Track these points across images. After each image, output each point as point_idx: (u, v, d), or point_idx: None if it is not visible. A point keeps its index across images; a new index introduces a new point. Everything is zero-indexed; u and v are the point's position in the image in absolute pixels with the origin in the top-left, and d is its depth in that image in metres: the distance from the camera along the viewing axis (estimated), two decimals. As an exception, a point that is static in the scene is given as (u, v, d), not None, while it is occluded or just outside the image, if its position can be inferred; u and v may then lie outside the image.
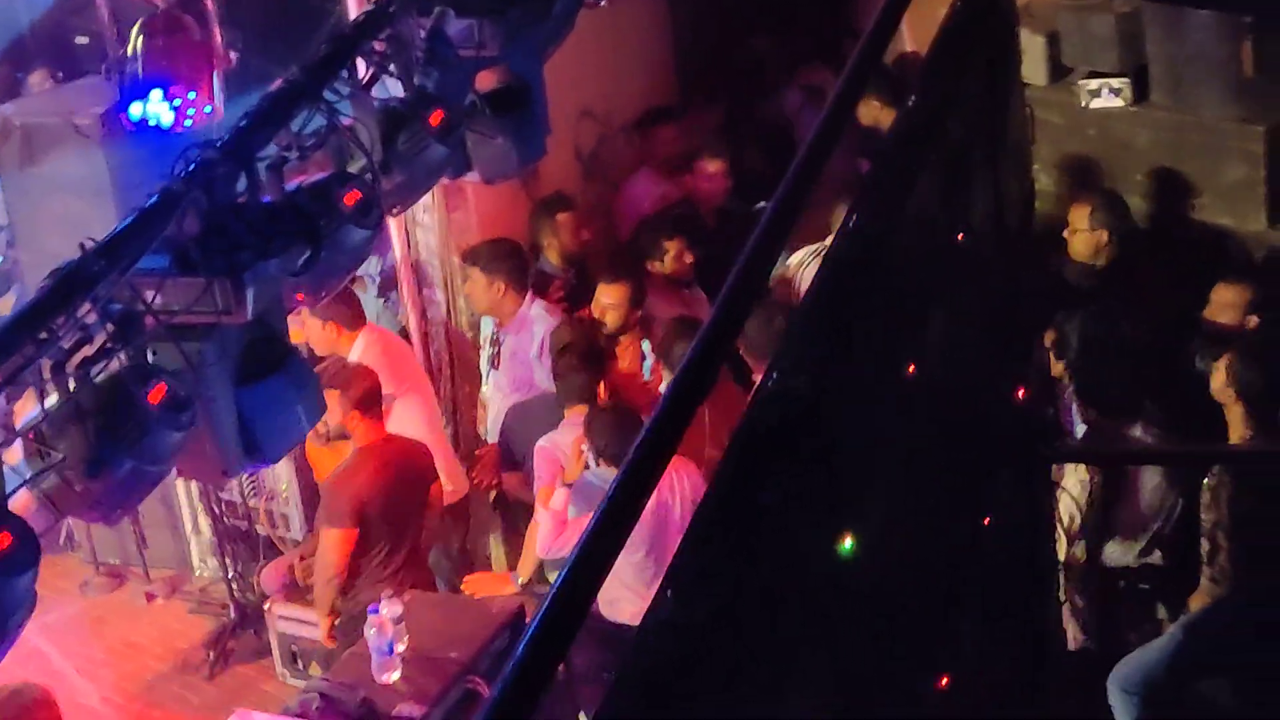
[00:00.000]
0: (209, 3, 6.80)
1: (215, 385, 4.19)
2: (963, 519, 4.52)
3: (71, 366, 3.80)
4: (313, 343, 7.82)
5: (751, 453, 3.03)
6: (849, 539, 3.33)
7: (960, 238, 4.54)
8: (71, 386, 3.81)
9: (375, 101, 4.92)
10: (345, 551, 7.22)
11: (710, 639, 2.74)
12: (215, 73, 6.48)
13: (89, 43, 9.39)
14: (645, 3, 9.47)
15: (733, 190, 9.03)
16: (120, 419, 3.82)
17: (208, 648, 8.36)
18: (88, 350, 3.86)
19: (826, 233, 7.35)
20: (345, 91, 4.76)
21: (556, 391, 7.41)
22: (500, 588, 7.50)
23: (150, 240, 3.96)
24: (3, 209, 8.09)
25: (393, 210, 5.14)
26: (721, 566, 2.84)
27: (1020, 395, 5.16)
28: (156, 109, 6.33)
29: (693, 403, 2.86)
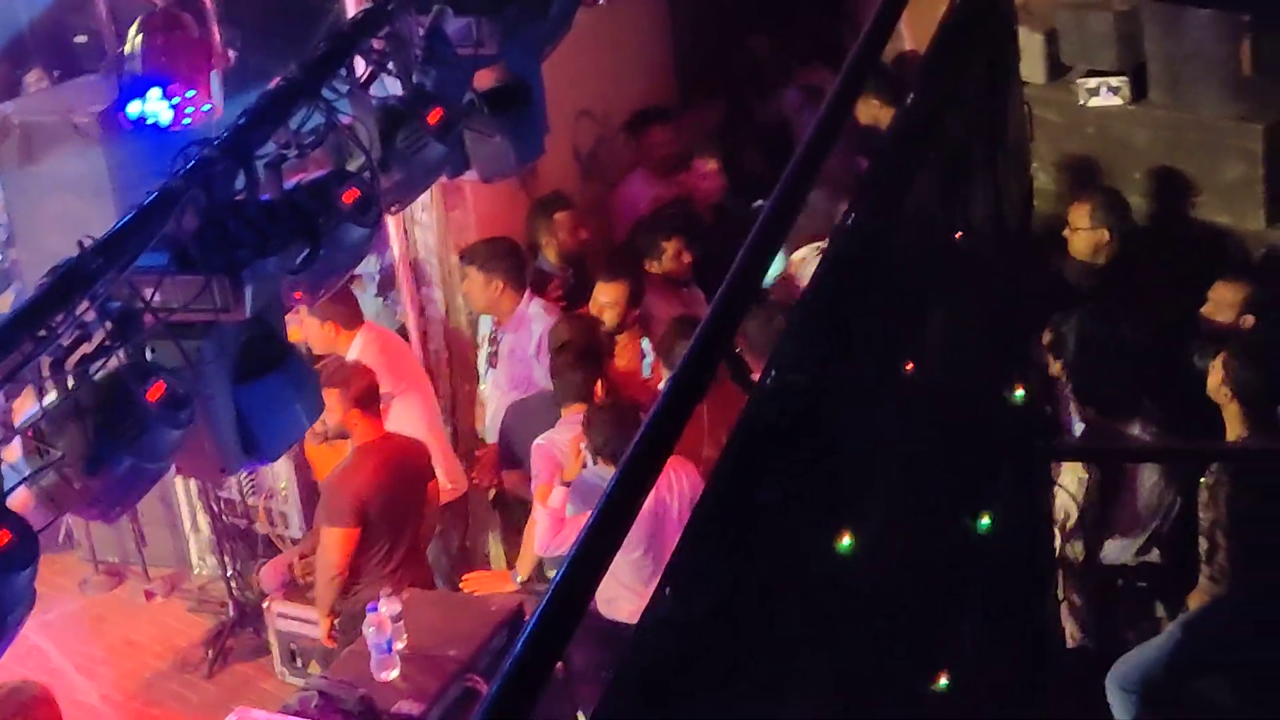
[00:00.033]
0: (207, 1, 6.81)
1: (214, 383, 4.19)
2: (961, 517, 4.52)
3: (70, 364, 3.80)
4: (311, 341, 7.81)
5: (750, 451, 3.03)
6: (847, 537, 3.34)
7: (959, 236, 4.54)
8: (70, 384, 3.80)
9: (374, 100, 4.91)
10: (347, 550, 7.22)
11: (708, 637, 2.74)
12: (214, 71, 6.48)
13: (88, 41, 9.39)
14: (644, 2, 9.47)
15: (731, 190, 9.03)
16: (119, 416, 3.82)
17: (207, 646, 8.36)
18: (86, 348, 3.85)
19: (827, 231, 7.34)
20: (344, 90, 4.75)
21: (553, 390, 7.41)
22: (499, 586, 7.50)
23: (149, 238, 3.96)
24: (2, 207, 8.09)
25: (391, 208, 5.14)
26: (720, 565, 2.84)
27: (1019, 393, 5.16)
28: (155, 107, 6.33)
29: (691, 401, 2.87)
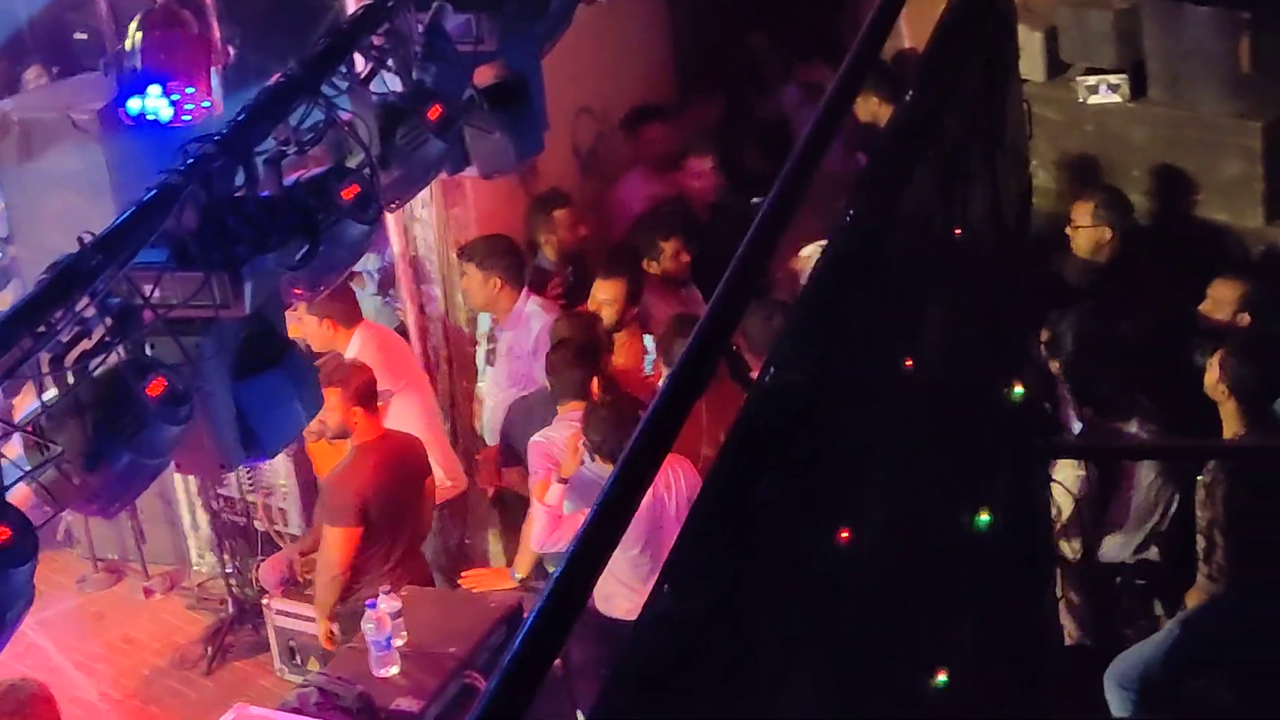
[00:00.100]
0: (207, -2, 6.81)
1: (213, 379, 4.19)
2: (959, 515, 4.52)
3: (70, 360, 3.80)
4: (309, 339, 7.79)
5: (748, 448, 3.03)
6: (845, 534, 3.34)
7: (957, 233, 4.54)
8: (70, 380, 3.81)
9: (373, 96, 4.92)
10: (349, 550, 7.19)
11: (707, 634, 2.74)
12: (213, 68, 6.47)
13: (87, 38, 9.39)
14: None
15: (730, 187, 9.02)
16: (118, 412, 3.82)
17: (206, 643, 8.35)
18: (86, 344, 3.86)
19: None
20: (343, 86, 4.75)
21: (550, 388, 7.40)
22: (498, 583, 7.49)
23: (148, 234, 3.96)
24: (1, 204, 8.09)
25: (391, 205, 5.14)
26: (719, 562, 2.84)
27: (1017, 391, 5.17)
28: (155, 104, 6.33)
29: (689, 398, 2.87)
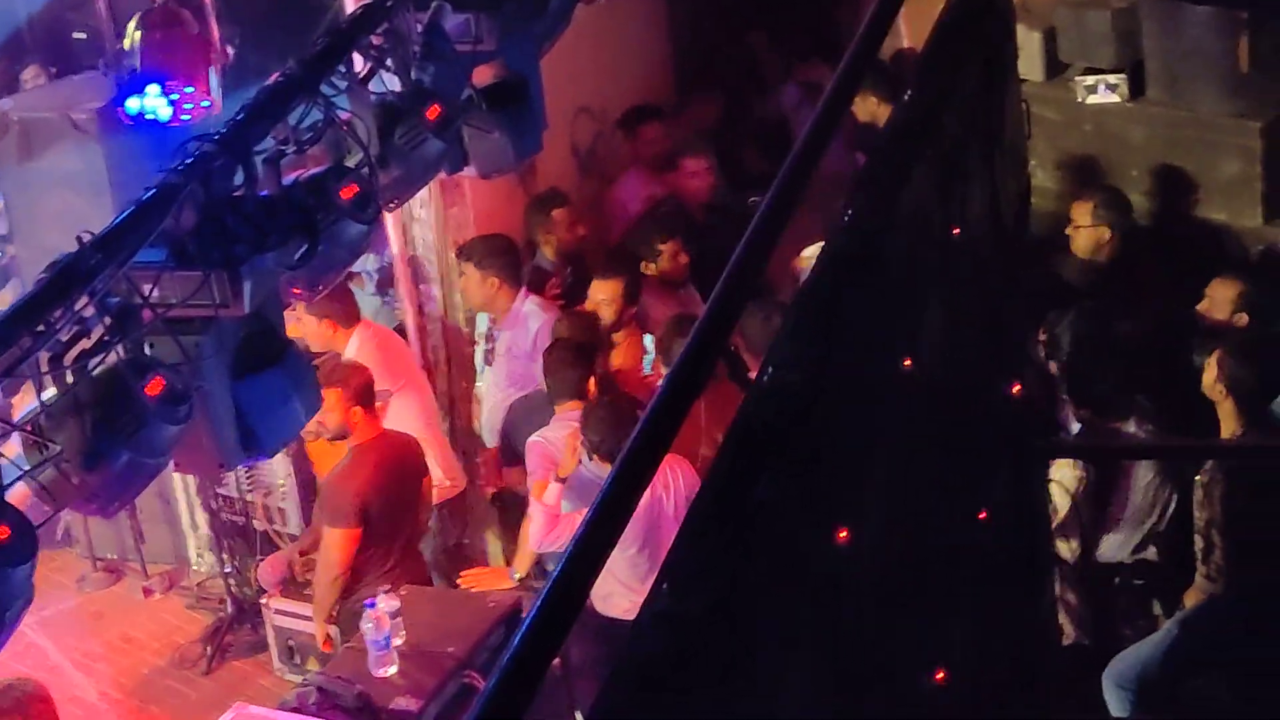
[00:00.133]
0: (206, -3, 6.81)
1: (212, 378, 4.19)
2: (958, 514, 4.52)
3: (69, 359, 3.81)
4: (308, 339, 7.79)
5: (747, 448, 3.03)
6: (844, 534, 3.34)
7: (956, 233, 4.54)
8: (69, 379, 3.81)
9: (372, 96, 4.92)
10: (349, 551, 7.19)
11: (706, 633, 2.74)
12: (212, 67, 6.47)
13: (86, 38, 9.38)
14: (643, -1, 9.48)
15: (727, 186, 9.03)
16: (117, 412, 3.82)
17: (205, 642, 8.35)
18: (85, 343, 3.86)
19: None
20: (342, 86, 4.75)
21: (546, 387, 7.40)
22: (497, 582, 7.49)
23: (147, 234, 3.96)
24: (0, 203, 8.09)
25: (389, 205, 5.14)
26: (717, 561, 2.84)
27: (1015, 390, 5.17)
28: (154, 103, 6.33)
29: (688, 398, 2.87)
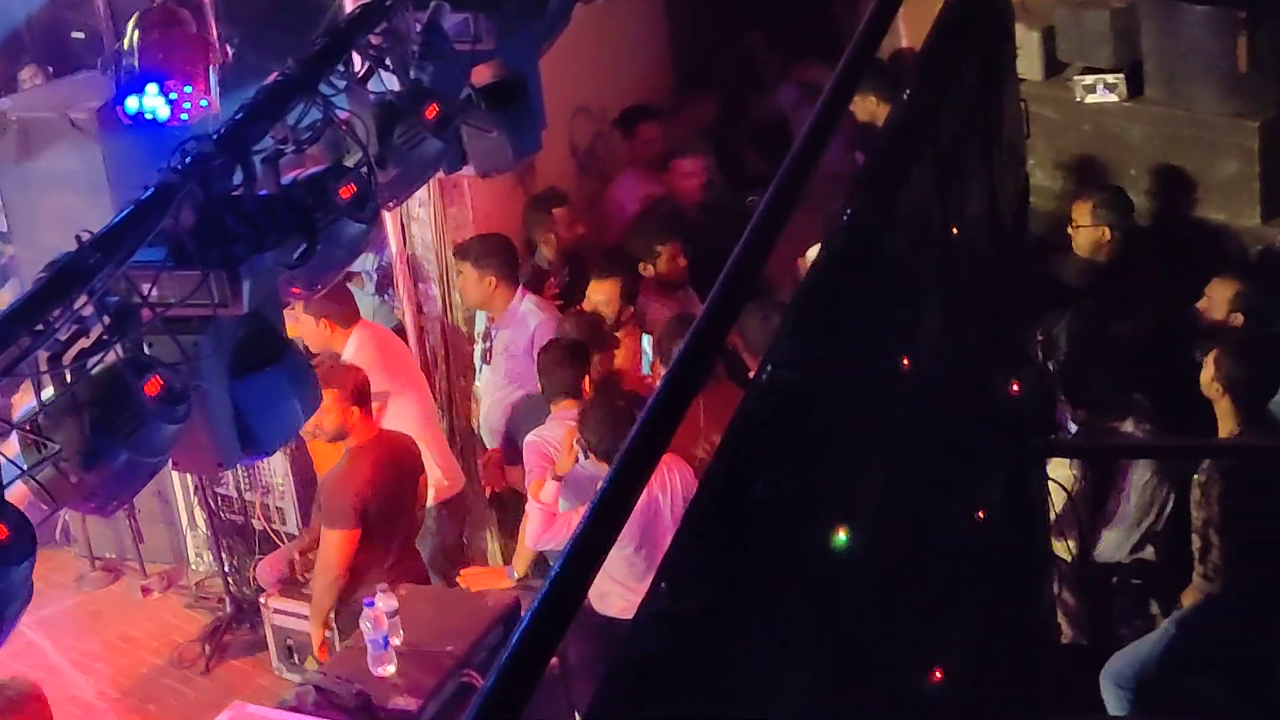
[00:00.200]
0: (205, -3, 6.82)
1: (211, 378, 4.19)
2: (956, 513, 4.53)
3: (68, 359, 3.81)
4: (306, 339, 7.78)
5: (745, 447, 3.04)
6: (842, 533, 3.34)
7: (954, 232, 4.55)
8: (68, 379, 3.81)
9: (371, 95, 4.92)
10: (348, 553, 7.17)
11: (703, 633, 2.74)
12: (211, 67, 6.47)
13: (84, 37, 9.38)
14: (641, -2, 9.48)
15: (724, 186, 9.03)
16: (116, 411, 3.83)
17: (203, 641, 8.35)
18: (84, 342, 3.86)
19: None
20: (341, 85, 4.76)
21: (542, 387, 7.41)
22: (495, 581, 7.49)
23: (146, 233, 3.97)
24: (-1, 203, 8.09)
25: (388, 204, 5.15)
26: (715, 561, 2.84)
27: (1013, 389, 5.18)
28: (152, 103, 6.33)
29: (686, 397, 2.88)
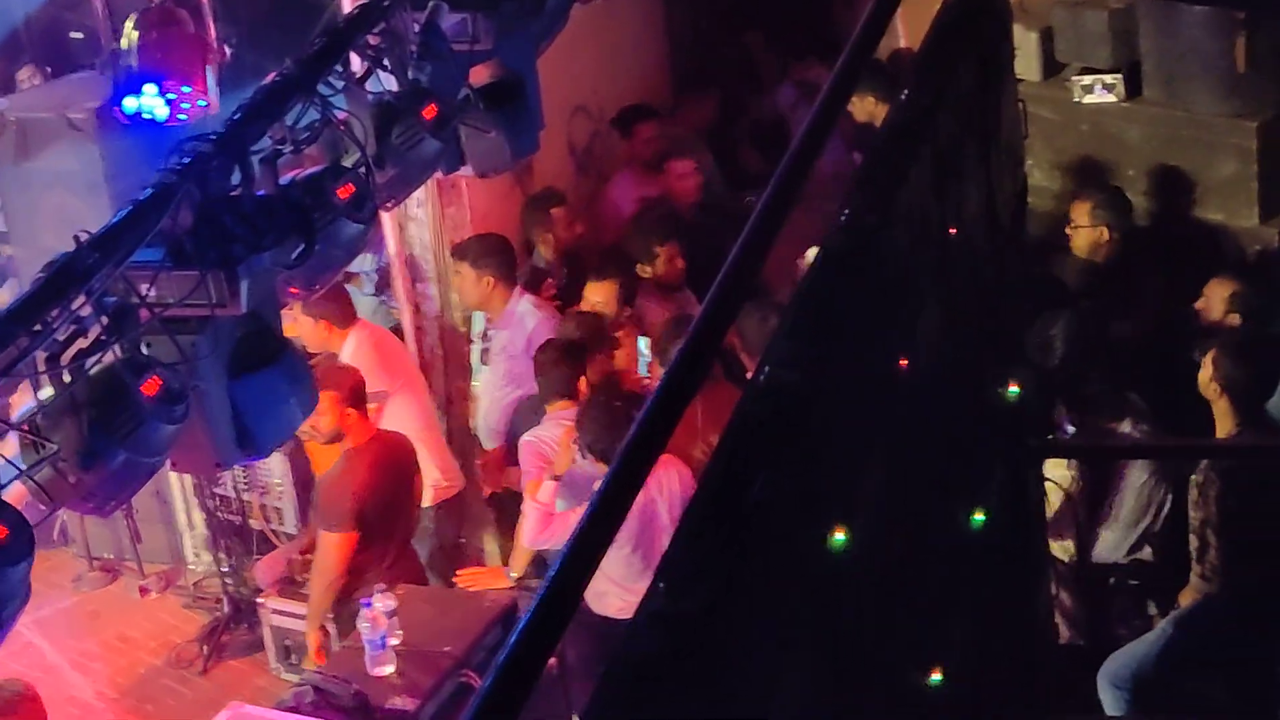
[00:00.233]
0: (203, -3, 6.82)
1: (209, 378, 4.19)
2: (954, 514, 4.53)
3: (66, 359, 3.81)
4: (304, 339, 7.77)
5: (743, 448, 3.04)
6: (840, 533, 3.34)
7: (952, 232, 4.55)
8: (66, 379, 3.81)
9: (369, 95, 4.92)
10: (345, 555, 7.17)
11: (701, 633, 2.74)
12: (209, 66, 6.48)
13: (83, 37, 9.38)
14: (640, -2, 9.48)
15: (725, 186, 9.02)
16: (114, 411, 3.83)
17: (201, 642, 8.35)
18: (82, 343, 3.86)
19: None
20: (339, 85, 4.76)
21: (538, 387, 7.41)
22: (494, 582, 7.49)
23: (144, 233, 3.97)
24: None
25: (386, 204, 5.14)
26: (713, 561, 2.84)
27: (1011, 390, 5.18)
28: (151, 103, 6.34)
29: (683, 398, 2.88)
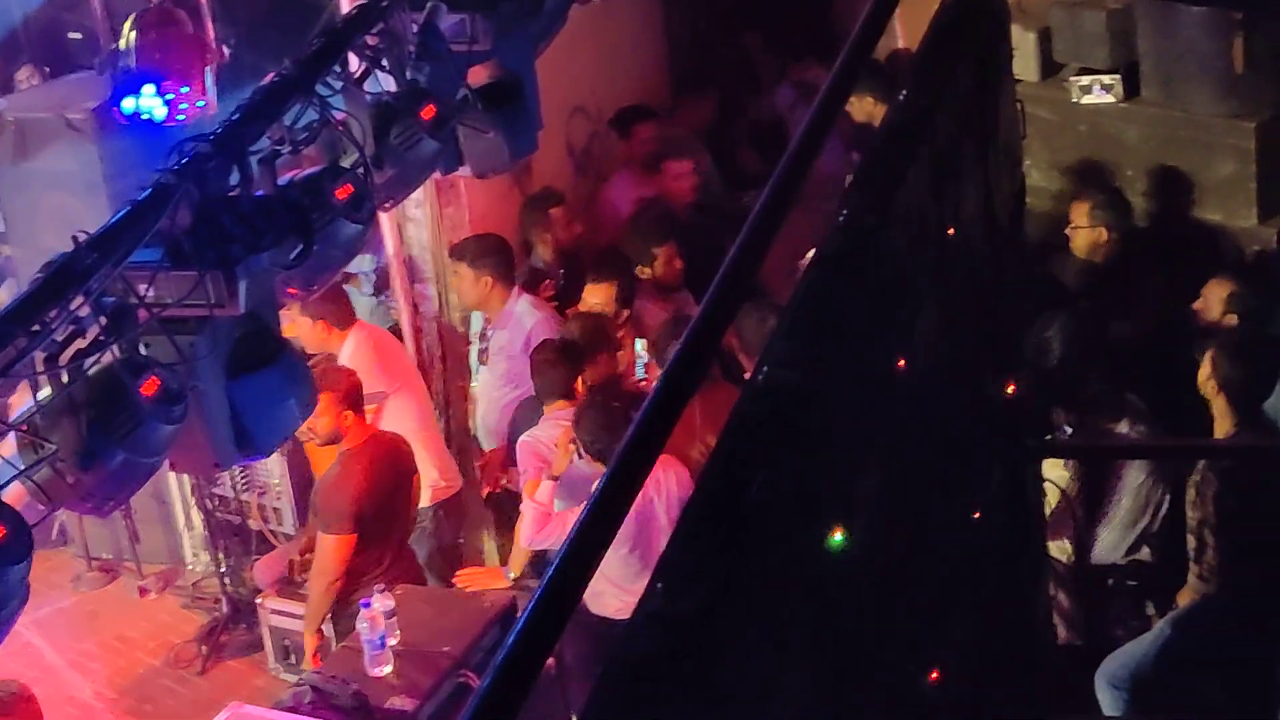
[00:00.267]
0: (202, -3, 6.83)
1: (207, 378, 4.20)
2: (952, 514, 4.53)
3: (64, 359, 3.81)
4: (303, 340, 7.77)
5: (741, 448, 3.04)
6: (838, 534, 3.34)
7: (950, 233, 4.55)
8: (64, 379, 3.81)
9: (367, 96, 4.93)
10: (344, 557, 7.17)
11: (699, 634, 2.74)
12: (208, 67, 6.49)
13: (82, 38, 9.39)
14: (638, -1, 9.49)
15: (724, 186, 9.03)
16: (113, 411, 3.83)
17: (200, 642, 8.35)
18: (81, 343, 3.87)
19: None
20: (338, 86, 4.76)
21: (535, 387, 7.41)
22: (492, 582, 7.49)
23: (143, 234, 3.97)
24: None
25: (385, 205, 5.15)
26: (711, 562, 2.84)
27: (1009, 390, 5.18)
28: (149, 103, 6.35)
29: (682, 399, 2.88)
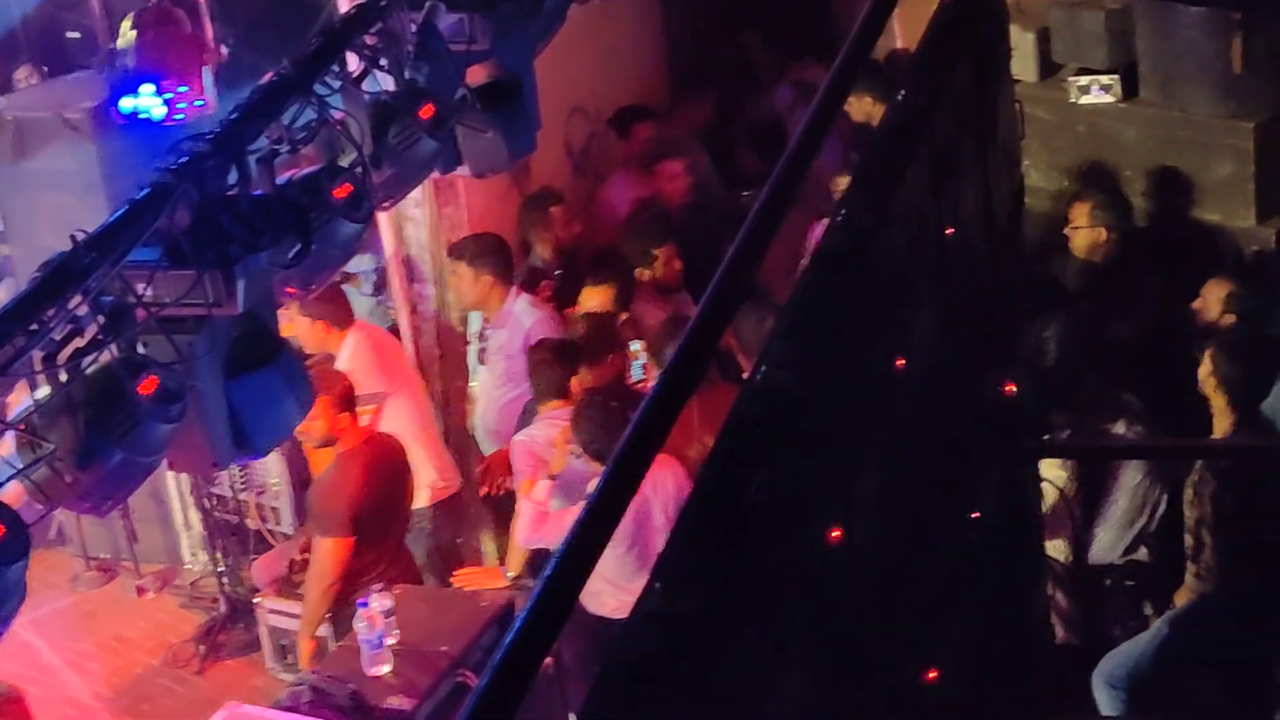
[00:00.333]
0: (200, -3, 6.83)
1: (205, 377, 4.19)
2: (950, 514, 4.53)
3: (62, 358, 3.81)
4: (301, 340, 7.77)
5: (739, 448, 3.04)
6: (836, 534, 3.35)
7: (949, 233, 4.55)
8: (62, 378, 3.81)
9: (366, 95, 4.92)
10: (342, 560, 7.16)
11: (697, 634, 2.75)
12: (206, 66, 6.49)
13: (80, 37, 9.39)
14: (637, -1, 9.49)
15: (723, 186, 9.03)
16: (111, 410, 3.83)
17: (198, 641, 8.35)
18: (79, 342, 3.86)
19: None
20: (336, 85, 4.76)
21: (531, 387, 7.41)
22: (490, 581, 7.49)
23: (141, 233, 3.97)
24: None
25: (383, 204, 5.14)
26: (709, 562, 2.85)
27: (1006, 390, 5.18)
28: (148, 102, 6.35)
29: (680, 399, 2.88)
